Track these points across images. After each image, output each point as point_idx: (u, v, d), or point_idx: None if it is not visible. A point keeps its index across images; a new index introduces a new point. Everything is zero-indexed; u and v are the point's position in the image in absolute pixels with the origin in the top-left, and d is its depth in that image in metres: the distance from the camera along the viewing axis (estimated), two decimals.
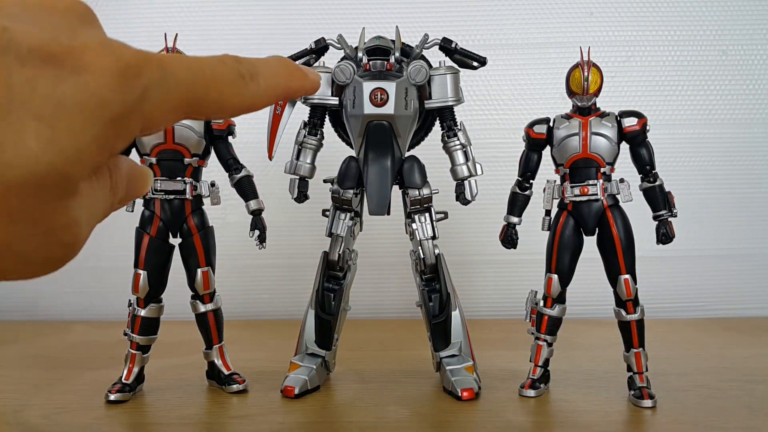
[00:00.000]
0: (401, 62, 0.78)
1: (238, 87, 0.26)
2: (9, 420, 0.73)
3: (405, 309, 1.23)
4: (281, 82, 0.28)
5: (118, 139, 0.23)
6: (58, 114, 0.20)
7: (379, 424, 0.71)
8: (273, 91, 0.28)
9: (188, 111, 0.25)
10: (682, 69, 1.32)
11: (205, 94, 0.25)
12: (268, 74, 0.27)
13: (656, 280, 1.25)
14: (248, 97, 0.26)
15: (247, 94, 0.26)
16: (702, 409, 0.74)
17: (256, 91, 0.27)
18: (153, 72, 0.23)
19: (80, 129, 0.21)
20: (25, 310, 1.35)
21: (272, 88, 0.27)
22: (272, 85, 0.27)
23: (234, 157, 0.83)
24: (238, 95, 0.26)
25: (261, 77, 0.27)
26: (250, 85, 0.26)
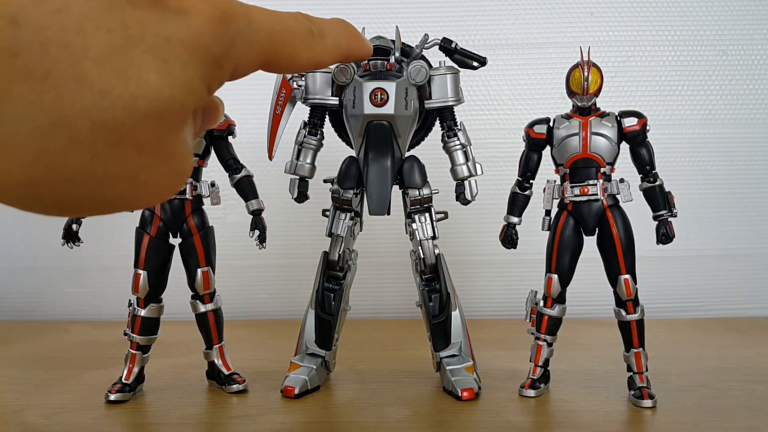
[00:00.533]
0: (401, 62, 0.78)
1: (309, 42, 0.27)
2: (9, 420, 0.73)
3: (405, 309, 1.23)
4: (344, 43, 0.29)
5: (214, 79, 0.24)
6: (169, 50, 0.22)
7: (379, 424, 0.71)
8: (338, 50, 0.29)
9: (267, 61, 0.26)
10: (682, 69, 1.32)
11: (282, 46, 0.26)
12: (334, 34, 0.29)
13: (656, 280, 1.25)
14: (317, 53, 0.28)
15: (316, 50, 0.28)
16: (702, 409, 0.74)
17: (324, 48, 0.28)
18: (242, 20, 0.24)
19: (188, 64, 0.22)
20: (25, 310, 1.35)
21: (337, 47, 0.29)
22: (337, 44, 0.29)
23: (234, 157, 0.83)
24: (308, 50, 0.27)
25: (328, 36, 0.28)
26: (319, 42, 0.28)
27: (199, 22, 0.23)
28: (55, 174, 0.21)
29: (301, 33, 0.27)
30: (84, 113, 0.20)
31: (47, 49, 0.20)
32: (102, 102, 0.20)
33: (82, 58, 0.20)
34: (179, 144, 0.24)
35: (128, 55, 0.21)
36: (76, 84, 0.20)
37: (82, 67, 0.20)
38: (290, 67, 0.27)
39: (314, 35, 0.27)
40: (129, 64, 0.21)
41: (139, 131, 0.22)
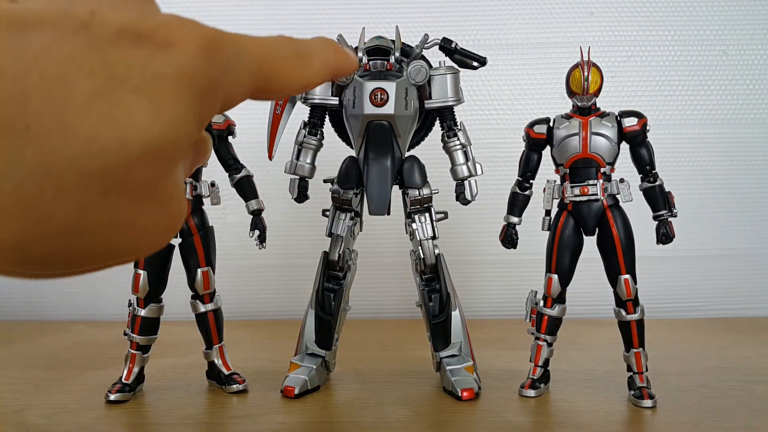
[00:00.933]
0: (401, 62, 0.78)
1: (297, 64, 0.27)
2: (9, 420, 0.73)
3: (405, 309, 1.23)
4: (331, 61, 0.29)
5: (206, 112, 0.23)
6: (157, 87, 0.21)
7: (379, 424, 0.71)
8: (326, 68, 0.29)
9: (258, 87, 0.26)
10: (682, 69, 1.32)
11: (271, 70, 0.26)
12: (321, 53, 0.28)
13: (656, 280, 1.25)
14: (306, 76, 0.27)
15: (304, 72, 0.27)
16: (702, 409, 0.74)
17: (312, 69, 0.28)
18: (230, 48, 0.24)
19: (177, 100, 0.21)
20: (25, 310, 1.35)
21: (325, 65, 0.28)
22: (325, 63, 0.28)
23: (234, 157, 0.83)
24: (297, 73, 0.27)
25: (315, 56, 0.28)
26: (306, 64, 0.27)
27: (186, 55, 0.22)
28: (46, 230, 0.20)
29: (289, 56, 0.26)
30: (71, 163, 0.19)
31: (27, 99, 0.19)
32: (89, 149, 0.19)
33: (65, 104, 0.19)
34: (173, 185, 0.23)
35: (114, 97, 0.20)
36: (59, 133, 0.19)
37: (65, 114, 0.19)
38: (281, 92, 0.27)
39: (301, 57, 0.27)
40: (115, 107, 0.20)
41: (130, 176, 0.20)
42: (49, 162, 0.19)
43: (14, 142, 0.19)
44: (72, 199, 0.20)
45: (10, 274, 0.22)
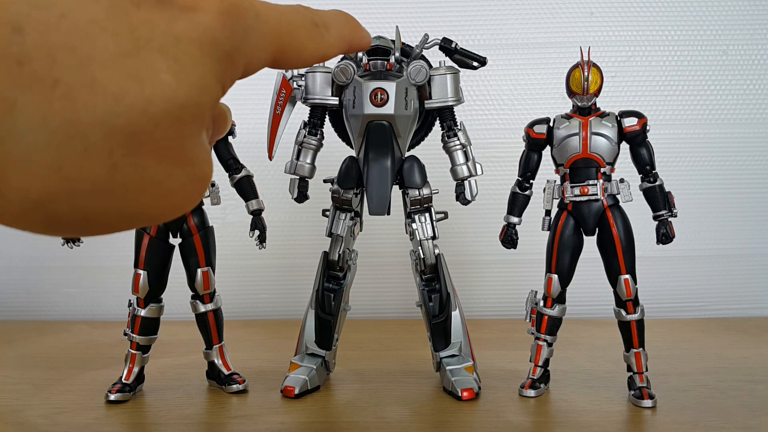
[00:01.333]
0: (401, 62, 0.78)
1: (314, 35, 0.27)
2: (9, 420, 0.73)
3: (405, 309, 1.23)
4: (347, 34, 0.29)
5: (228, 76, 0.24)
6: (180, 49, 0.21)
7: (379, 424, 0.71)
8: (342, 40, 0.29)
9: (276, 55, 0.26)
10: (682, 69, 1.32)
11: (289, 39, 0.26)
12: (337, 25, 0.28)
13: (656, 280, 1.26)
14: (322, 46, 0.28)
15: (322, 43, 0.27)
16: (702, 409, 0.74)
17: (329, 40, 0.28)
18: (250, 13, 0.24)
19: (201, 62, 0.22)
20: (25, 310, 1.35)
21: (341, 38, 0.29)
22: (341, 36, 0.29)
23: (234, 157, 0.83)
24: (314, 42, 0.27)
25: (332, 27, 0.28)
26: (324, 34, 0.28)
27: (208, 18, 0.22)
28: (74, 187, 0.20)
29: (306, 26, 0.27)
30: (99, 120, 0.19)
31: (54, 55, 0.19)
32: (116, 107, 0.20)
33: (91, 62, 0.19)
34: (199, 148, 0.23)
35: (139, 57, 0.20)
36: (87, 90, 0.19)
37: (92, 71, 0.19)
38: (298, 61, 0.27)
39: (319, 27, 0.27)
40: (140, 66, 0.20)
41: (157, 135, 0.21)
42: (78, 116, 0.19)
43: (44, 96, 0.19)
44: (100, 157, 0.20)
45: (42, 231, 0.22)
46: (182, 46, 0.21)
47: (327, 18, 0.28)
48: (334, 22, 0.28)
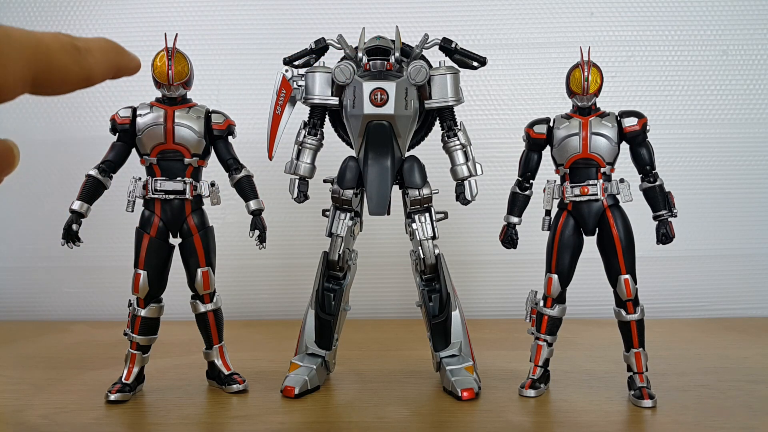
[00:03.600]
0: (401, 62, 0.78)
1: (76, 57, 0.27)
2: (9, 420, 0.73)
3: (405, 309, 1.23)
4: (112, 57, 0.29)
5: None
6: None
7: (379, 424, 0.71)
8: (107, 64, 0.29)
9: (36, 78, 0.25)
10: (682, 69, 1.32)
11: (49, 61, 0.25)
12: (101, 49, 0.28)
13: (656, 280, 1.26)
14: (86, 68, 0.27)
15: (85, 65, 0.27)
16: (702, 409, 0.74)
17: (93, 63, 0.28)
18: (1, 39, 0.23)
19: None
20: (25, 310, 1.35)
21: (106, 61, 0.28)
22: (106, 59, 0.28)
23: (234, 157, 0.83)
24: (77, 64, 0.27)
25: (95, 51, 0.28)
26: (87, 56, 0.27)
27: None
28: None
29: (66, 49, 0.26)
30: None
31: None
32: None
33: None
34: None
35: None
36: None
37: None
38: (63, 84, 0.27)
39: (80, 51, 0.27)
40: None
41: None
42: None
43: None
44: None
45: None
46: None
47: (90, 43, 0.28)
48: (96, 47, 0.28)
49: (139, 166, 0.81)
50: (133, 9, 1.33)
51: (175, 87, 0.79)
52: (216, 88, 1.31)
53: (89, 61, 0.27)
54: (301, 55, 0.81)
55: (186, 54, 0.79)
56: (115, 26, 1.33)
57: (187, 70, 0.79)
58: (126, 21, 1.33)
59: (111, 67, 0.29)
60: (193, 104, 0.81)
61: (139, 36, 1.30)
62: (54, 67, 0.26)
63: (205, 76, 1.18)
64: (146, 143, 0.79)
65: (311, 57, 0.81)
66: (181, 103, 0.80)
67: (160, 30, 0.83)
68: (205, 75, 1.17)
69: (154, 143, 0.79)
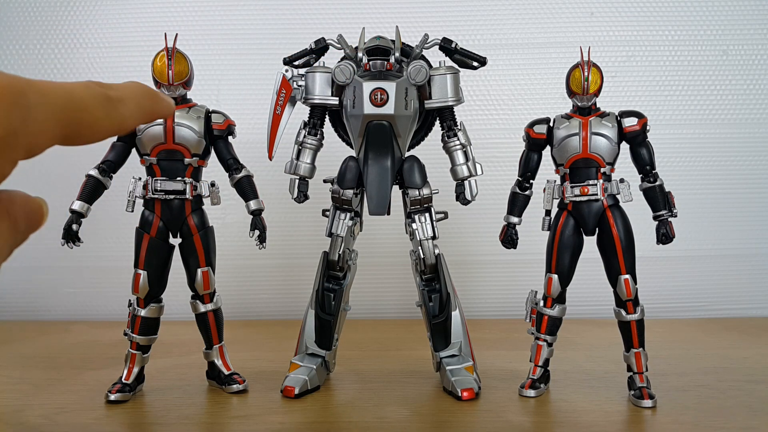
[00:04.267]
0: (401, 62, 0.78)
1: (108, 109, 0.26)
2: (9, 420, 0.73)
3: (405, 309, 1.23)
4: (146, 104, 0.29)
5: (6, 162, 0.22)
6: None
7: (379, 424, 0.71)
8: (141, 112, 0.28)
9: (66, 133, 0.25)
10: (682, 69, 1.32)
11: (79, 115, 0.25)
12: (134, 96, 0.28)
13: (656, 280, 1.26)
14: (118, 119, 0.27)
15: (117, 117, 0.27)
16: (702, 409, 0.74)
17: (125, 113, 0.27)
18: (31, 95, 0.23)
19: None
20: (25, 310, 1.35)
21: (140, 109, 0.28)
22: (139, 107, 0.28)
23: (234, 157, 0.83)
24: (108, 117, 0.26)
25: (128, 99, 0.27)
26: (119, 107, 0.27)
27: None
28: None
29: (99, 101, 0.26)
30: None
31: None
32: None
33: None
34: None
35: None
36: None
37: None
38: (93, 137, 0.26)
39: (113, 101, 0.26)
40: None
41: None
42: None
43: None
44: None
45: None
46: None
47: (122, 91, 0.27)
48: (129, 94, 0.28)
49: (139, 166, 0.81)
50: (133, 9, 1.33)
51: (175, 87, 0.79)
52: (216, 88, 1.31)
53: (121, 112, 0.27)
54: (301, 55, 0.81)
55: (186, 54, 0.79)
56: (115, 26, 1.33)
57: (187, 70, 0.79)
58: (126, 21, 1.33)
59: (144, 114, 0.29)
60: (193, 104, 0.81)
61: (139, 36, 1.31)
62: (85, 121, 0.25)
63: (205, 76, 1.18)
64: (146, 143, 0.79)
65: (311, 57, 0.81)
66: (181, 103, 0.80)
67: (160, 30, 0.83)
68: (205, 75, 1.17)
69: (155, 143, 0.79)
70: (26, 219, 0.26)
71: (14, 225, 0.25)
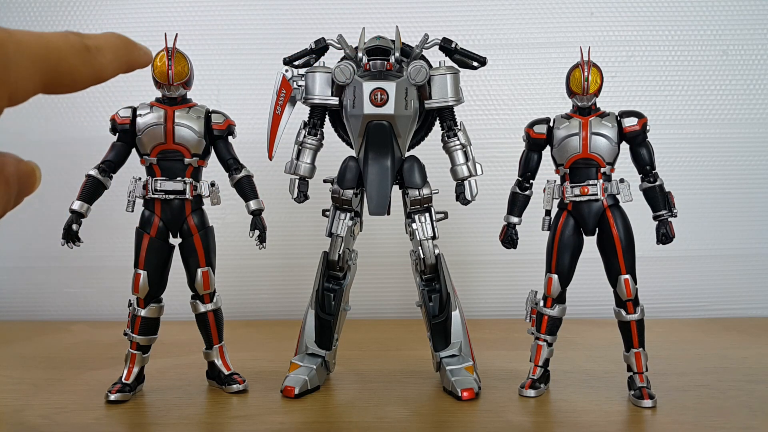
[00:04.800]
0: (401, 62, 0.78)
1: (86, 58, 0.27)
2: (9, 420, 0.73)
3: (405, 309, 1.23)
4: (123, 54, 0.29)
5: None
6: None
7: (379, 424, 0.71)
8: (118, 62, 0.28)
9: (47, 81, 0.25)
10: (682, 69, 1.32)
11: (59, 63, 0.25)
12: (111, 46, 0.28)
13: (656, 280, 1.25)
14: (96, 68, 0.27)
15: (95, 65, 0.27)
16: (702, 409, 0.74)
17: (103, 62, 0.27)
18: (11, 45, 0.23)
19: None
20: (25, 310, 1.35)
21: (117, 59, 0.28)
22: (117, 57, 0.28)
23: (234, 157, 0.83)
24: (87, 65, 0.27)
25: (106, 49, 0.28)
26: (97, 56, 0.27)
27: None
28: None
29: (77, 50, 0.26)
30: None
31: None
32: None
33: None
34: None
35: None
36: None
37: None
38: (74, 85, 0.26)
39: (91, 51, 0.27)
40: None
41: None
42: None
43: None
44: None
45: None
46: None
47: (99, 40, 0.28)
48: (107, 44, 0.28)
49: (139, 166, 0.81)
50: (133, 9, 1.33)
51: (175, 87, 0.79)
52: (216, 88, 1.31)
53: (99, 60, 0.27)
54: (301, 55, 0.81)
55: (186, 54, 0.79)
56: (115, 26, 1.33)
57: (187, 70, 0.79)
58: (126, 21, 1.33)
59: (122, 63, 0.29)
60: (193, 104, 0.81)
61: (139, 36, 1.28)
62: (64, 69, 0.26)
63: (205, 76, 1.18)
64: (146, 143, 0.79)
65: (311, 57, 0.81)
66: (181, 103, 0.80)
67: (160, 30, 0.82)
68: (205, 75, 1.18)
69: (154, 143, 0.79)
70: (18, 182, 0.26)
71: (6, 187, 0.25)
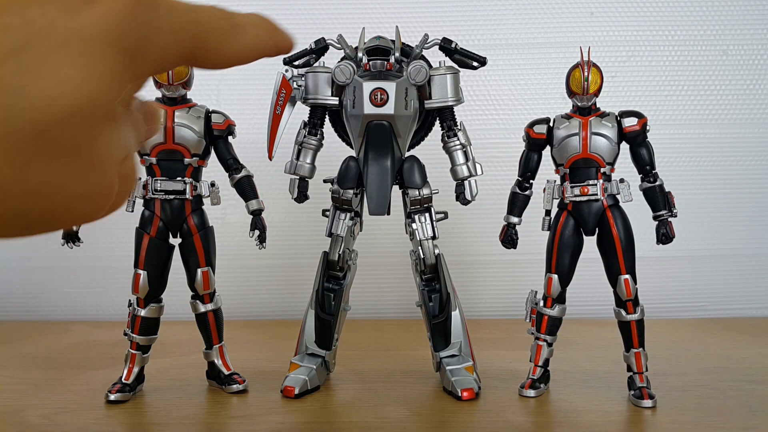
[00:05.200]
0: (401, 62, 0.78)
1: (232, 35, 0.26)
2: (9, 420, 0.73)
3: (405, 309, 1.23)
4: (266, 36, 0.28)
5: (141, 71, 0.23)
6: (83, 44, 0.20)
7: (379, 424, 0.71)
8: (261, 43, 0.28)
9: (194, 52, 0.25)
10: (682, 69, 1.32)
11: (206, 35, 0.25)
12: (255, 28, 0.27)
13: (656, 280, 1.25)
14: (241, 47, 0.27)
15: (240, 44, 0.27)
16: (702, 409, 0.74)
17: (247, 42, 0.27)
18: (161, 6, 0.23)
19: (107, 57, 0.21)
20: (25, 310, 1.35)
21: (261, 40, 0.28)
22: (261, 38, 0.28)
23: (234, 157, 0.83)
24: (234, 42, 0.26)
25: (250, 29, 0.27)
26: (241, 35, 0.27)
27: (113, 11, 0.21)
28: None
29: (224, 26, 0.26)
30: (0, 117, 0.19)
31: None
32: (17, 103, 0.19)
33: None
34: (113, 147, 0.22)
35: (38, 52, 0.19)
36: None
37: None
38: (217, 60, 0.26)
39: (236, 28, 0.26)
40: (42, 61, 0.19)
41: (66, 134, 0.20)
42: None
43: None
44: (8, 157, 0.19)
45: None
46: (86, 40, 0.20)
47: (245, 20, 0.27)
48: (252, 24, 0.27)
49: (139, 166, 0.81)
50: None
51: (175, 87, 0.79)
52: (216, 88, 1.31)
53: (243, 40, 0.27)
54: (301, 55, 0.81)
55: None
56: None
57: (187, 70, 0.79)
58: None
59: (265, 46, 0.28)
60: (193, 104, 0.81)
61: None
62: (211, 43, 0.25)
63: (205, 76, 1.18)
64: (146, 143, 0.79)
65: (311, 57, 0.81)
66: (181, 103, 0.80)
67: None
68: (205, 75, 1.17)
69: (154, 143, 0.79)
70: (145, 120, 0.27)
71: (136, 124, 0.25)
